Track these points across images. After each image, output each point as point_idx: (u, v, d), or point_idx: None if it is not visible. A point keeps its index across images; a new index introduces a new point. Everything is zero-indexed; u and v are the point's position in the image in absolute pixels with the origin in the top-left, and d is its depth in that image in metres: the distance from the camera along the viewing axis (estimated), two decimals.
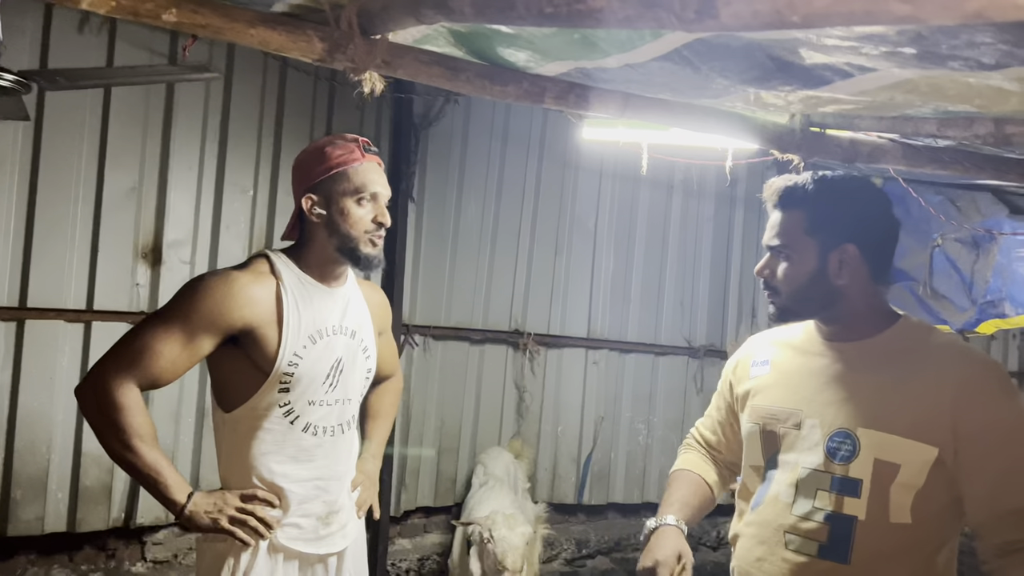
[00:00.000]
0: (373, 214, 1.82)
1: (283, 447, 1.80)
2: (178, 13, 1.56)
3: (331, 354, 1.84)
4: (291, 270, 1.83)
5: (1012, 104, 1.51)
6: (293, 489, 1.82)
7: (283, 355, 1.76)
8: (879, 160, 2.35)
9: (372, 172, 1.83)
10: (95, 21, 3.38)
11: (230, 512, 1.74)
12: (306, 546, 1.85)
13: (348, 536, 1.94)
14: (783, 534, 1.54)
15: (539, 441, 4.81)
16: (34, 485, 3.39)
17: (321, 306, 1.84)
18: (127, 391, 1.68)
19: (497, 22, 1.39)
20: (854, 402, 1.50)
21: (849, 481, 1.48)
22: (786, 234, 1.53)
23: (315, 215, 1.81)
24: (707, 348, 5.27)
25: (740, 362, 1.75)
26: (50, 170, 3.38)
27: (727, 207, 5.36)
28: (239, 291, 1.74)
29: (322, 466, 1.85)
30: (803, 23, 0.96)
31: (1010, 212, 3.93)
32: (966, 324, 4.18)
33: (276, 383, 1.77)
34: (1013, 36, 1.12)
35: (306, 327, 1.80)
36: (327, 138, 1.87)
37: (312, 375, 1.80)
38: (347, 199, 1.80)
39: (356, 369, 1.91)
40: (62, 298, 3.42)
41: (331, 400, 1.85)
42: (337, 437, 1.87)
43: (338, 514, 1.90)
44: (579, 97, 2.00)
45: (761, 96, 1.77)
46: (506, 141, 4.64)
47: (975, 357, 1.50)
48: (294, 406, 1.80)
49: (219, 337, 1.73)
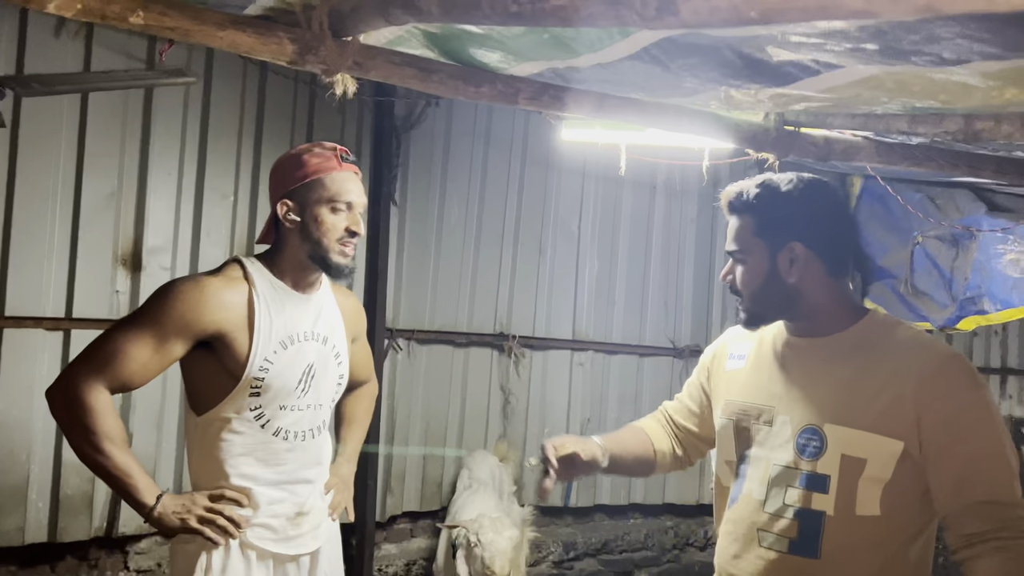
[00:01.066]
0: (346, 223, 1.84)
1: (253, 450, 1.82)
2: (145, 16, 1.56)
3: (303, 360, 1.85)
4: (264, 276, 1.84)
5: (976, 99, 1.53)
6: (263, 491, 1.83)
7: (253, 360, 1.77)
8: (853, 158, 2.37)
9: (348, 181, 1.85)
10: (71, 26, 3.36)
11: (198, 512, 1.75)
12: (277, 546, 1.86)
13: (320, 537, 1.96)
14: (756, 531, 1.56)
15: (525, 443, 4.81)
16: (14, 495, 3.36)
17: (293, 312, 1.85)
18: (97, 394, 1.69)
19: (464, 21, 1.39)
20: (821, 398, 1.53)
21: (817, 477, 1.49)
22: (739, 239, 1.58)
23: (289, 221, 1.83)
24: (692, 348, 5.28)
25: (717, 354, 1.79)
26: (27, 177, 3.35)
27: (710, 207, 5.37)
28: (210, 296, 1.75)
29: (292, 469, 1.86)
30: (761, 19, 0.97)
31: (988, 209, 3.97)
32: (947, 321, 4.22)
33: (247, 388, 1.78)
34: (972, 31, 1.13)
35: (277, 333, 1.81)
36: (306, 145, 1.89)
37: (283, 380, 1.81)
38: (321, 207, 1.81)
39: (328, 375, 1.92)
40: (40, 306, 3.39)
41: (303, 405, 1.86)
42: (308, 441, 1.89)
43: (309, 516, 1.91)
44: (553, 98, 2.00)
45: (732, 94, 1.78)
46: (488, 143, 4.65)
47: (937, 349, 1.52)
48: (265, 410, 1.81)
49: (190, 341, 1.74)
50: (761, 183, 1.57)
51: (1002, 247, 3.97)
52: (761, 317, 1.62)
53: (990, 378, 5.93)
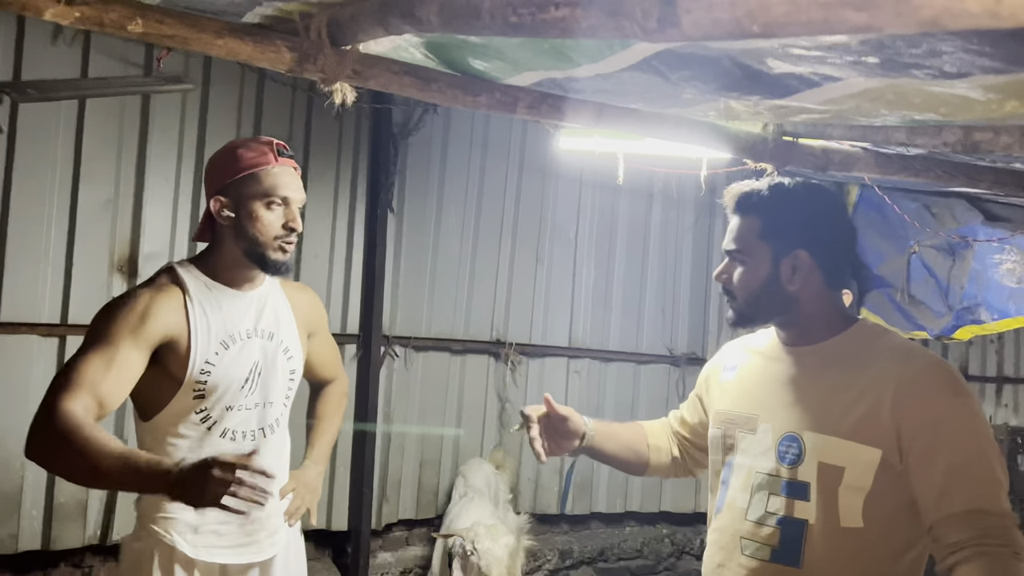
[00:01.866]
0: (284, 219, 1.80)
1: (199, 453, 1.72)
2: (144, 23, 1.55)
3: (247, 358, 1.82)
4: (197, 278, 1.81)
5: (977, 112, 1.53)
6: None
7: (194, 363, 1.75)
8: (851, 168, 2.36)
9: (284, 176, 1.80)
10: (69, 32, 3.35)
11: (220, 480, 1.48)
12: (224, 555, 1.80)
13: (277, 544, 1.90)
14: (739, 539, 1.55)
15: (521, 451, 4.80)
16: (7, 503, 3.34)
17: (232, 311, 1.82)
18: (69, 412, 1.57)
19: (463, 32, 1.39)
20: (802, 405, 1.52)
21: (798, 484, 1.48)
22: (742, 239, 1.56)
23: (223, 218, 1.79)
24: (688, 356, 5.28)
25: (713, 368, 1.79)
26: (23, 183, 3.34)
27: (707, 216, 5.38)
28: (149, 305, 1.73)
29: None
30: (763, 32, 0.96)
31: (985, 219, 3.97)
32: (944, 330, 4.22)
33: (190, 391, 1.75)
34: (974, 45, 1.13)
35: (216, 333, 1.78)
36: (241, 139, 1.85)
37: (228, 381, 1.78)
38: (256, 202, 1.77)
39: (277, 371, 1.88)
40: (36, 312, 3.38)
41: (250, 404, 1.83)
42: (259, 441, 1.83)
43: (266, 520, 1.85)
44: (552, 107, 2.00)
45: (731, 105, 1.78)
46: (486, 151, 4.65)
47: (917, 356, 1.49)
48: (211, 412, 1.78)
49: (146, 350, 1.71)
50: (774, 185, 1.55)
51: (998, 257, 3.97)
52: (751, 319, 1.61)
53: (986, 387, 5.94)
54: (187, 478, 1.47)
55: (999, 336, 5.85)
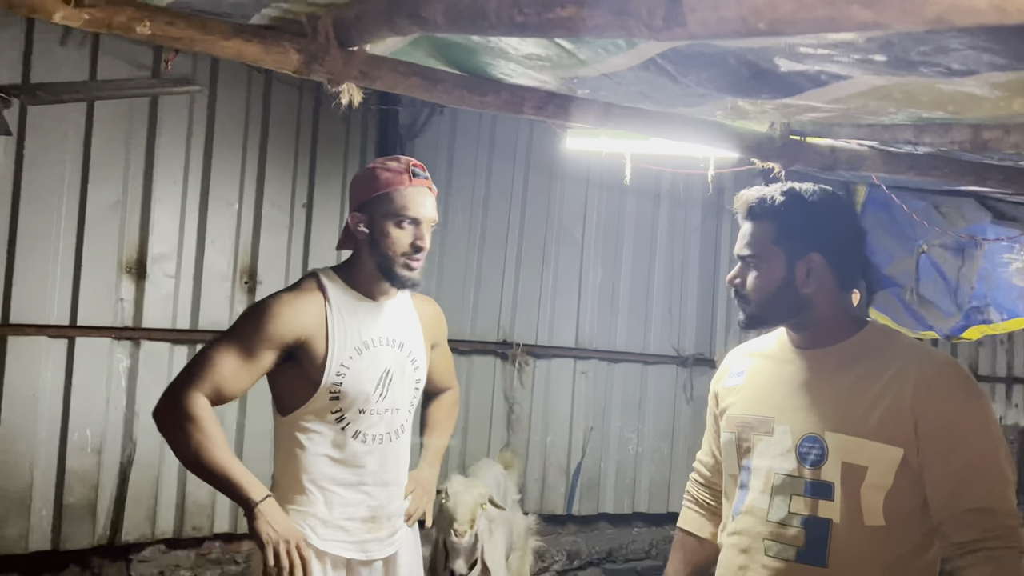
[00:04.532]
0: (412, 238, 1.91)
1: (334, 451, 1.90)
2: (152, 25, 1.56)
3: (379, 364, 1.93)
4: (337, 285, 1.94)
5: (985, 110, 1.52)
6: (339, 492, 1.90)
7: (330, 365, 1.87)
8: (859, 167, 2.36)
9: (417, 196, 1.91)
10: (77, 35, 3.37)
11: (283, 546, 1.76)
12: (350, 550, 1.92)
13: (397, 543, 2.01)
14: (762, 541, 1.56)
15: (528, 452, 4.80)
16: (17, 503, 3.36)
17: (367, 318, 1.94)
18: (196, 401, 1.79)
19: (470, 32, 1.39)
20: (821, 407, 1.53)
21: (821, 484, 1.50)
22: (755, 244, 1.57)
23: (359, 233, 1.93)
24: (696, 357, 5.27)
25: (719, 377, 1.79)
26: (33, 185, 3.36)
27: (714, 216, 5.37)
28: (288, 309, 1.87)
29: (370, 472, 1.93)
30: (769, 30, 0.96)
31: (994, 218, 3.95)
32: (953, 330, 4.20)
33: (327, 392, 1.87)
34: (981, 42, 1.12)
35: (351, 339, 1.90)
36: (381, 160, 1.98)
37: (360, 384, 1.90)
38: (388, 221, 1.89)
39: (405, 379, 1.99)
40: (45, 314, 3.40)
41: (381, 409, 1.94)
42: (386, 445, 1.96)
43: (387, 520, 1.97)
44: (558, 107, 2.00)
45: (738, 104, 1.78)
46: (492, 151, 4.65)
47: (934, 357, 1.54)
48: (345, 414, 1.90)
49: (277, 352, 1.86)
50: (787, 191, 1.57)
51: (1008, 256, 3.95)
52: (763, 321, 1.63)
53: (996, 387, 5.91)
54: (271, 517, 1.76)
55: (1009, 336, 5.83)
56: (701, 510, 1.83)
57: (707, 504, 1.83)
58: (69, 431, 3.44)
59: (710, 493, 1.82)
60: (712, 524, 1.80)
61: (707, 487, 1.83)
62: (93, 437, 3.51)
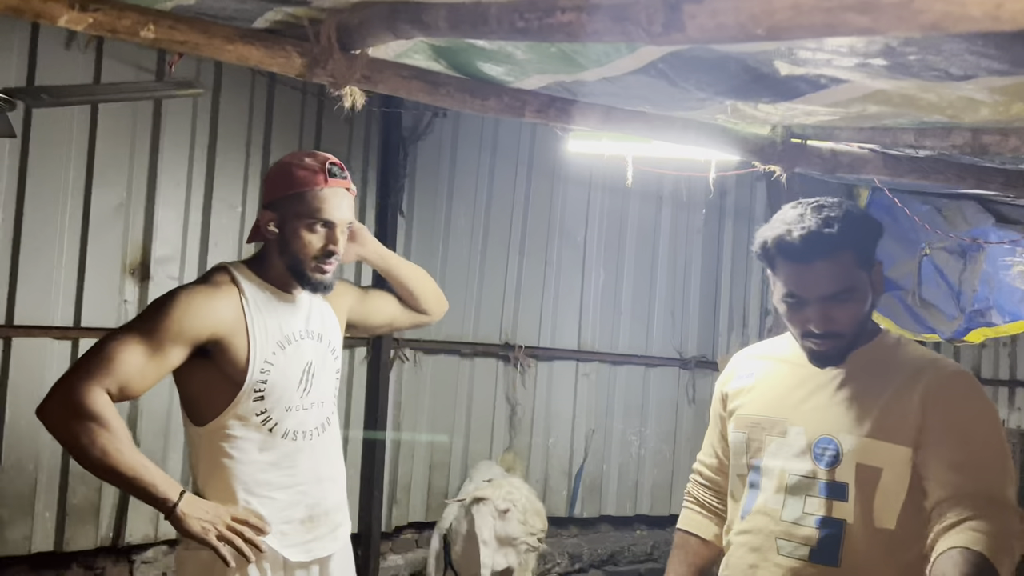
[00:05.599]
0: (324, 241, 1.82)
1: (264, 454, 1.81)
2: (156, 30, 1.57)
3: (301, 359, 1.86)
4: (251, 280, 1.85)
5: (983, 114, 1.53)
6: (276, 496, 1.82)
7: (254, 363, 1.78)
8: (860, 170, 2.36)
9: (332, 198, 1.82)
10: (82, 38, 3.38)
11: (220, 527, 1.69)
12: (291, 552, 1.84)
13: (339, 539, 1.95)
14: (775, 540, 1.56)
15: (530, 454, 4.81)
16: (21, 504, 3.37)
17: (284, 313, 1.86)
18: (97, 396, 1.64)
19: (471, 36, 1.40)
20: (838, 410, 1.55)
21: (836, 485, 1.52)
22: (842, 278, 1.50)
23: (269, 232, 1.84)
24: (698, 359, 5.27)
25: (726, 381, 1.79)
26: (37, 187, 3.38)
27: (717, 218, 5.37)
28: (204, 303, 1.76)
29: (305, 470, 1.86)
30: (767, 35, 0.97)
31: (996, 221, 3.95)
32: (955, 333, 4.19)
33: (251, 392, 1.78)
34: (979, 47, 1.13)
35: (273, 334, 1.82)
36: (298, 155, 1.88)
37: (285, 381, 1.82)
38: (299, 223, 1.80)
39: (327, 371, 1.94)
40: (49, 315, 3.41)
41: (307, 404, 1.87)
42: (316, 440, 1.89)
43: (325, 517, 1.90)
44: (560, 110, 2.00)
45: (738, 107, 1.78)
46: (495, 154, 4.66)
47: (944, 364, 1.57)
48: (271, 413, 1.81)
49: (187, 348, 1.73)
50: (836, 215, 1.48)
51: (1010, 259, 3.94)
52: (849, 350, 1.56)
53: (999, 390, 5.90)
54: (194, 510, 1.67)
55: (1012, 339, 5.82)
56: (703, 511, 1.83)
57: (709, 505, 1.82)
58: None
59: (712, 494, 1.82)
60: (714, 525, 1.80)
61: (709, 488, 1.83)
62: None
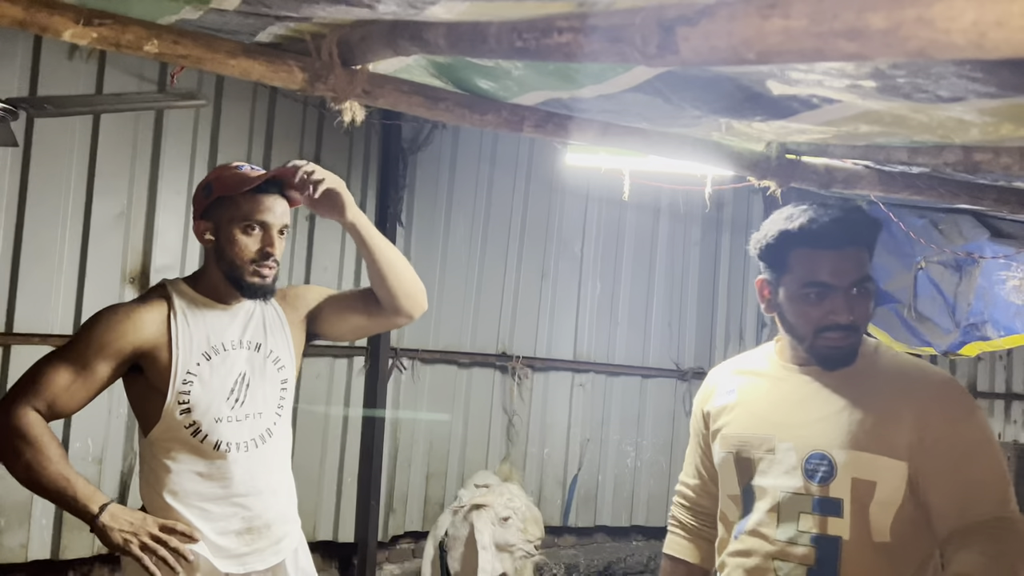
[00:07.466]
0: (260, 244, 1.83)
1: (195, 465, 1.81)
2: (159, 44, 1.59)
3: (232, 369, 1.85)
4: (184, 293, 1.87)
5: (973, 135, 1.55)
6: (209, 508, 1.81)
7: (176, 374, 1.79)
8: (855, 186, 2.38)
9: (266, 199, 1.84)
10: (85, 49, 3.41)
11: (144, 538, 1.69)
12: (225, 564, 1.82)
13: (283, 551, 1.91)
14: (771, 560, 1.54)
15: (526, 463, 4.82)
16: (18, 512, 3.38)
17: (216, 323, 1.86)
18: (23, 415, 1.70)
19: (470, 55, 1.42)
20: (827, 423, 1.52)
21: (830, 501, 1.49)
22: (867, 267, 1.52)
23: (205, 240, 1.86)
24: (695, 371, 5.29)
25: (706, 397, 1.76)
26: (38, 196, 3.40)
27: (714, 231, 5.40)
28: (125, 318, 1.79)
29: (239, 482, 1.84)
30: (759, 59, 0.99)
31: (992, 235, 3.97)
32: (950, 346, 4.21)
33: (176, 403, 1.79)
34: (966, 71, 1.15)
35: (199, 345, 1.82)
36: (225, 165, 1.91)
37: (212, 392, 1.82)
38: (233, 226, 1.82)
39: (267, 382, 1.90)
40: (49, 323, 3.43)
41: (240, 416, 1.85)
42: (252, 452, 1.86)
43: (266, 530, 1.87)
44: (557, 126, 2.02)
45: (733, 125, 1.81)
46: (494, 165, 4.69)
47: (936, 375, 1.58)
48: (200, 425, 1.81)
49: (113, 364, 1.77)
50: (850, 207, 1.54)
51: (1005, 274, 3.97)
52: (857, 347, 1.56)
53: (995, 403, 5.92)
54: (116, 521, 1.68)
55: (1008, 353, 5.84)
56: (688, 535, 1.80)
57: (693, 528, 1.80)
58: (71, 440, 3.47)
59: (695, 516, 1.80)
60: (700, 549, 1.78)
61: (692, 510, 1.80)
62: (94, 446, 3.54)
